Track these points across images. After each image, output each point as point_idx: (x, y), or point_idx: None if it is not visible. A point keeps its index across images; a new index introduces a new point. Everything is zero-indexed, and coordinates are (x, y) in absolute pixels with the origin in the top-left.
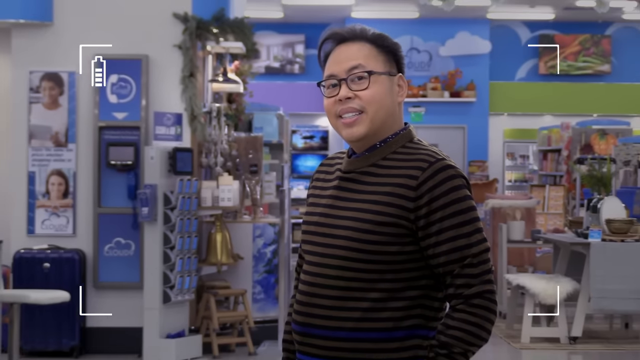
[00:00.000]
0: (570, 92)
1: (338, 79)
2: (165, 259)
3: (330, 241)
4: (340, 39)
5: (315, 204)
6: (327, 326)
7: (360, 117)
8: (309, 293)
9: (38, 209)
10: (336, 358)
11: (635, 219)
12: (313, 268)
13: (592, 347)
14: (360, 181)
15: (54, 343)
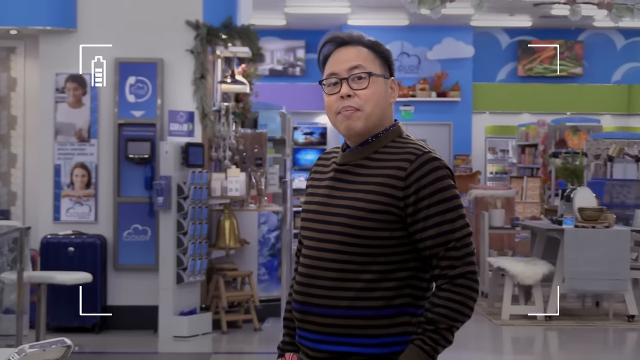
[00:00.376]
0: (546, 92)
1: (339, 77)
2: (179, 244)
3: (327, 227)
4: (340, 42)
5: (313, 194)
6: (325, 305)
7: (358, 114)
8: (308, 275)
9: (63, 199)
10: (333, 334)
11: (605, 208)
12: (312, 252)
13: (566, 324)
14: (354, 173)
15: (78, 320)
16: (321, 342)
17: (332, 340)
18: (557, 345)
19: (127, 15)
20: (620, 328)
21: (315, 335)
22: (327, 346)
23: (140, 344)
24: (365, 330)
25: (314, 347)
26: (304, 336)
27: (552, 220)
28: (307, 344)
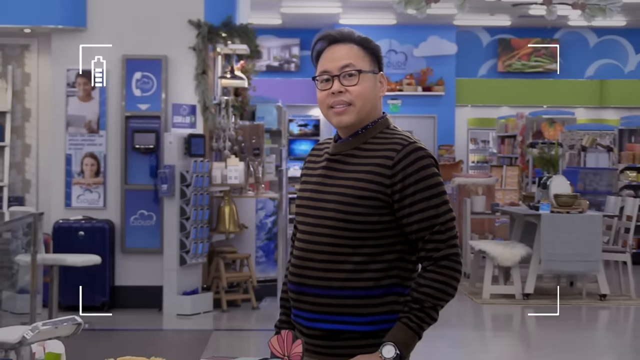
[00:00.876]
0: (524, 87)
1: (331, 75)
2: (182, 228)
3: (320, 213)
4: (331, 39)
5: (307, 182)
6: (318, 285)
7: (349, 109)
8: (302, 257)
9: (74, 186)
10: (327, 313)
11: (579, 194)
12: (306, 236)
13: (542, 302)
14: (345, 162)
15: (88, 299)
16: (316, 321)
17: (326, 318)
18: (534, 323)
19: (133, 15)
20: (593, 306)
21: (310, 314)
22: (321, 324)
23: (146, 322)
24: (356, 309)
25: (308, 326)
26: (299, 315)
27: (529, 206)
28: (302, 322)
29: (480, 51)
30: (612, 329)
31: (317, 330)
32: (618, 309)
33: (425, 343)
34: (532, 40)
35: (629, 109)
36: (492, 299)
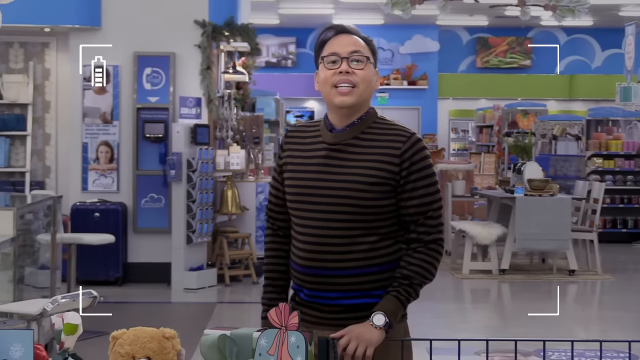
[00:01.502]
0: (500, 81)
1: (340, 56)
2: (188, 210)
3: (334, 200)
4: (341, 30)
5: (302, 170)
6: (339, 267)
7: (353, 90)
8: (319, 243)
9: (90, 172)
10: (348, 290)
11: (550, 179)
12: (319, 222)
13: (517, 277)
14: (347, 151)
15: (103, 274)
16: (339, 298)
17: (349, 295)
18: (509, 295)
19: (144, 15)
20: (563, 281)
21: (332, 293)
22: (345, 301)
23: (155, 295)
24: (375, 284)
25: (331, 303)
26: (316, 295)
27: (505, 190)
28: (321, 302)
29: (461, 49)
30: (580, 302)
31: (342, 306)
32: (585, 283)
33: (411, 315)
34: (507, 38)
35: (595, 101)
36: (471, 274)
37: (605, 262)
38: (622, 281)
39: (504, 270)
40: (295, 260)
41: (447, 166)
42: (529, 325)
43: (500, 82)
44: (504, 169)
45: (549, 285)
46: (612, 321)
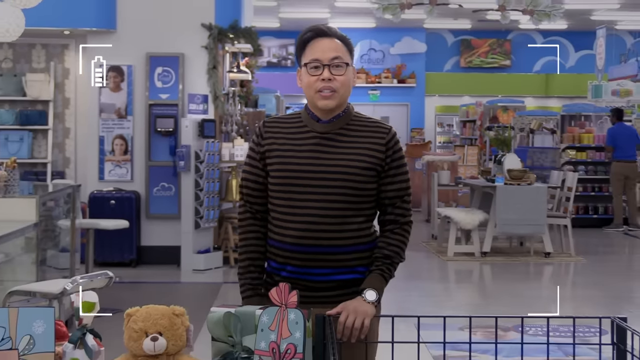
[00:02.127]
0: (482, 79)
1: (322, 63)
2: (196, 198)
3: (330, 183)
4: (320, 32)
5: (293, 156)
6: (333, 245)
7: (334, 94)
8: (315, 222)
9: (106, 162)
10: (341, 267)
11: (528, 169)
12: (315, 204)
13: (497, 259)
14: (338, 139)
15: (118, 257)
16: (331, 274)
17: (340, 271)
18: (490, 276)
19: (155, 19)
20: (539, 262)
21: (324, 269)
22: (337, 276)
23: (166, 276)
24: (363, 260)
25: (322, 280)
26: (308, 272)
27: (486, 179)
28: (311, 278)
29: (446, 50)
30: (555, 281)
31: (334, 282)
32: (560, 264)
33: (400, 293)
34: (488, 40)
35: (569, 98)
36: (455, 256)
37: (578, 245)
38: (593, 263)
39: (486, 252)
40: (283, 239)
41: (434, 157)
42: (509, 303)
43: (482, 81)
44: (486, 160)
45: (527, 266)
46: (584, 299)
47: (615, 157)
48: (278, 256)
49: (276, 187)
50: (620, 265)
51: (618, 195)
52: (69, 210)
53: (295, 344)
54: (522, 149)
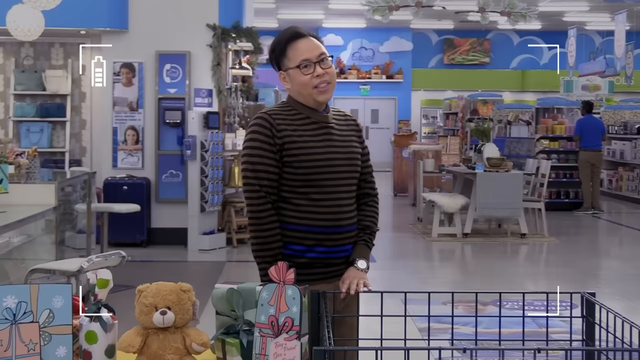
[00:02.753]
0: (463, 75)
1: (312, 62)
2: (202, 184)
3: (348, 168)
4: (296, 34)
5: (313, 146)
6: (349, 224)
7: (329, 86)
8: (339, 204)
9: (119, 151)
10: (349, 244)
11: (505, 158)
12: (338, 188)
13: (477, 240)
14: (336, 129)
15: (130, 237)
16: (346, 251)
17: (349, 247)
18: (471, 255)
19: (164, 19)
20: (515, 242)
21: (346, 246)
22: (347, 253)
23: (175, 255)
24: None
25: (342, 256)
26: (333, 251)
27: (467, 167)
28: (338, 255)
29: (430, 48)
30: (529, 260)
31: (345, 257)
32: (534, 244)
33: (388, 271)
34: (469, 39)
35: (543, 92)
36: (439, 237)
37: (550, 227)
38: (564, 243)
39: (467, 234)
40: (317, 223)
41: (419, 147)
42: (488, 280)
43: (463, 76)
44: (467, 149)
45: (504, 246)
46: (557, 276)
47: (582, 146)
48: (306, 239)
49: (303, 177)
50: (589, 245)
51: (586, 182)
52: (85, 195)
53: (293, 318)
54: (500, 139)
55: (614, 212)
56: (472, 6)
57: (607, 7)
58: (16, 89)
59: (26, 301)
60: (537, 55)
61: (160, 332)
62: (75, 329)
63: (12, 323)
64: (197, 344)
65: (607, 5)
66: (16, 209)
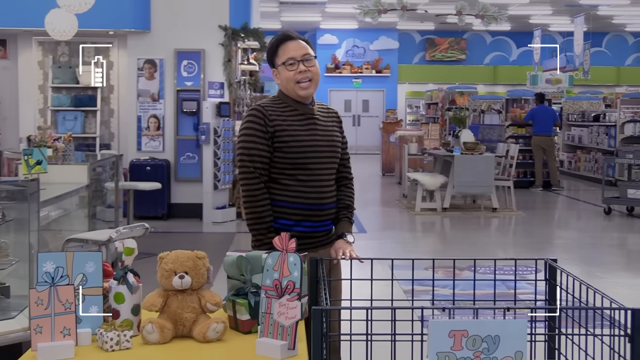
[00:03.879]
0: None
1: (296, 60)
2: (215, 165)
3: (330, 154)
4: (289, 37)
5: (301, 134)
6: (330, 202)
7: (311, 83)
8: (323, 185)
9: (143, 137)
10: (331, 219)
11: (479, 142)
12: (323, 171)
13: (455, 214)
14: (320, 119)
15: (153, 211)
16: (328, 225)
17: (330, 222)
18: (449, 226)
19: (181, 21)
20: (488, 216)
21: (326, 222)
22: (329, 227)
23: (191, 227)
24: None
25: (324, 230)
26: (315, 225)
27: (446, 150)
28: (318, 230)
29: (414, 46)
30: (500, 230)
31: (328, 231)
32: (504, 217)
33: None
34: (448, 39)
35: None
36: (421, 211)
37: (518, 202)
38: (530, 216)
39: (446, 208)
40: (304, 201)
41: (404, 132)
42: (464, 248)
43: (443, 71)
44: (446, 135)
45: (478, 219)
46: (523, 245)
47: (535, 132)
48: (294, 215)
49: (292, 160)
50: (551, 217)
51: (538, 162)
52: (114, 175)
53: (294, 281)
54: (475, 125)
55: (573, 189)
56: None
57: (568, 11)
58: (53, 83)
59: (63, 266)
60: (506, 52)
61: (178, 294)
62: (105, 291)
63: (51, 285)
64: (211, 304)
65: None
66: (54, 186)
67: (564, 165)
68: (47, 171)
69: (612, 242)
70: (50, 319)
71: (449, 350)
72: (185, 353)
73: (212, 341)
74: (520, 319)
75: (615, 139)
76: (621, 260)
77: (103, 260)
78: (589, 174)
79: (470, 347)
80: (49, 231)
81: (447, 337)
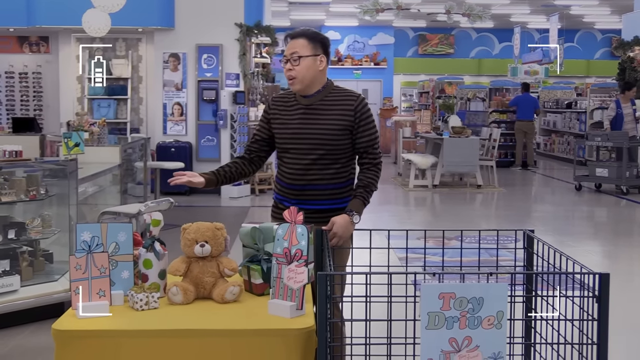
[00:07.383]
0: (433, 63)
1: (287, 58)
2: (231, 147)
3: (309, 141)
4: (291, 36)
5: (288, 123)
6: (319, 184)
7: (295, 80)
8: (304, 168)
9: (168, 122)
10: (323, 199)
11: (466, 127)
12: (304, 156)
13: (444, 190)
14: (319, 109)
15: (177, 188)
16: (318, 204)
17: (323, 202)
18: (439, 201)
19: (202, 19)
20: (473, 192)
21: (314, 201)
22: (320, 206)
23: (210, 201)
24: (337, 195)
25: (313, 209)
26: (304, 203)
27: (437, 133)
28: (306, 207)
29: (408, 41)
30: (484, 205)
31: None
32: (487, 193)
33: (375, 214)
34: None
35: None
36: (414, 188)
37: (500, 180)
38: (510, 192)
39: (436, 185)
40: (284, 179)
41: (399, 118)
42: (452, 220)
43: (433, 64)
44: (436, 120)
45: (464, 195)
46: (504, 217)
47: (517, 117)
48: (281, 191)
49: (280, 144)
50: (528, 193)
51: (519, 145)
52: (142, 155)
53: (302, 249)
54: (462, 112)
55: (548, 168)
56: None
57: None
58: (89, 74)
59: (98, 236)
60: (490, 47)
61: (200, 260)
62: (135, 257)
63: (88, 252)
64: (228, 269)
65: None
66: (90, 166)
67: (541, 147)
68: (84, 152)
69: (582, 215)
70: (87, 282)
71: (439, 310)
72: (206, 312)
73: (229, 302)
74: (502, 282)
75: (585, 124)
76: (590, 231)
77: (133, 231)
78: (562, 154)
79: (458, 308)
80: (86, 205)
81: (437, 299)
